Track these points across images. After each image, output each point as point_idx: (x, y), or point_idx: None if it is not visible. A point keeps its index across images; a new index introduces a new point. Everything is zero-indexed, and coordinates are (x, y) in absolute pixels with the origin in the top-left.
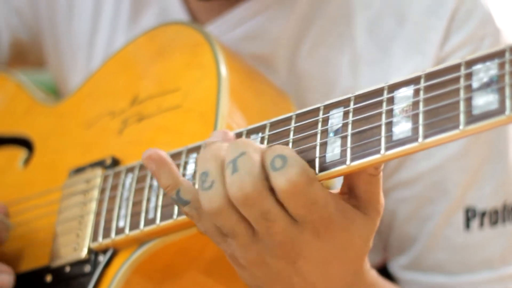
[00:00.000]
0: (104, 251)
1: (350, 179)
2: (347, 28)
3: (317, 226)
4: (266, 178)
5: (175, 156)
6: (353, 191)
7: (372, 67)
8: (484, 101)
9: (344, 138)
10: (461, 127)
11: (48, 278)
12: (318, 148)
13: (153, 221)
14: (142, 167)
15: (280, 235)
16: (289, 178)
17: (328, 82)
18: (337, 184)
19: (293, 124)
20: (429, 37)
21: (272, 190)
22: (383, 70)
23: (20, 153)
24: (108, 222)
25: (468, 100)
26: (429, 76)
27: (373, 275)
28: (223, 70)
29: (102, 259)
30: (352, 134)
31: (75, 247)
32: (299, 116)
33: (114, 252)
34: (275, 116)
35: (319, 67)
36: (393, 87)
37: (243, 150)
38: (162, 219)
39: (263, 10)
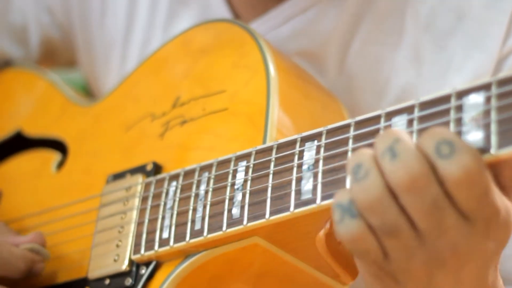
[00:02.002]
0: (146, 264)
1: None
2: (400, 24)
3: (488, 223)
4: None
5: (223, 163)
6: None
7: (429, 64)
8: None
9: None
10: None
11: None
12: None
13: (200, 232)
14: (186, 175)
15: (452, 231)
16: (463, 165)
17: (381, 81)
18: None
19: (352, 132)
20: (491, 32)
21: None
22: (441, 68)
23: (53, 157)
24: (150, 233)
25: None
26: (501, 82)
27: None
28: (272, 71)
29: (144, 271)
30: None
31: (115, 258)
32: (359, 123)
33: (157, 264)
34: (326, 120)
35: (371, 65)
36: (462, 94)
37: (397, 136)
38: (210, 231)
39: (311, 6)
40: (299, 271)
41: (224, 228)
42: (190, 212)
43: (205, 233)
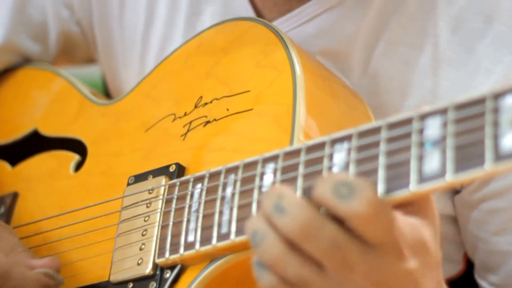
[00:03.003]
0: (171, 267)
1: None
2: (428, 26)
3: (397, 245)
4: (325, 212)
5: (249, 165)
6: None
7: (456, 67)
8: None
9: (443, 150)
10: None
11: None
12: (413, 161)
13: (227, 236)
14: (212, 176)
15: (360, 264)
16: (367, 200)
17: (407, 83)
18: None
19: (383, 135)
20: None
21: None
22: (469, 72)
23: (71, 157)
24: (175, 236)
25: None
26: None
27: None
28: (298, 70)
29: (169, 275)
30: (452, 147)
31: (139, 261)
32: (391, 126)
33: (182, 268)
34: (352, 121)
35: (397, 67)
36: (498, 95)
37: (280, 192)
38: (237, 234)
39: (337, 5)
40: None
41: None
42: (217, 215)
43: (232, 236)
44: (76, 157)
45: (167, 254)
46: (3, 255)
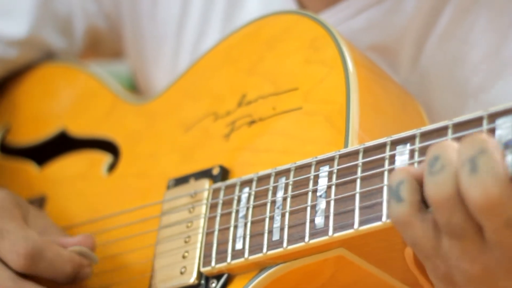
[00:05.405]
0: (217, 276)
1: None
2: (483, 19)
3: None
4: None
5: (302, 168)
6: None
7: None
8: None
9: None
10: None
11: None
12: None
13: (279, 244)
14: (260, 180)
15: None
16: (486, 190)
17: (460, 80)
18: None
19: (450, 135)
20: None
21: None
22: None
23: (103, 158)
24: (222, 243)
25: None
26: None
27: None
28: (351, 66)
29: (215, 285)
30: None
31: (182, 270)
32: (457, 126)
33: (229, 277)
34: (406, 120)
35: (449, 63)
36: None
37: (483, 147)
38: (290, 242)
39: None
40: (383, 284)
41: (306, 239)
42: (267, 221)
43: (284, 244)
44: (108, 158)
45: (213, 263)
46: (37, 233)
